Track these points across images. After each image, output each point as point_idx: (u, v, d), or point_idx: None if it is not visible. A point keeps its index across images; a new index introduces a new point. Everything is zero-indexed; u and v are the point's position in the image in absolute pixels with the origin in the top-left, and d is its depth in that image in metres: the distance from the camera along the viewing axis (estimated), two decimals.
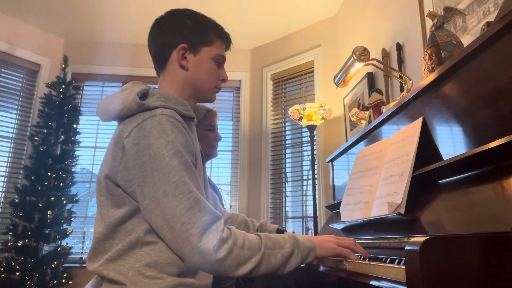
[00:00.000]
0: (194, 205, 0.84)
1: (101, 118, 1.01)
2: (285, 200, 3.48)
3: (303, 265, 1.33)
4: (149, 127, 0.88)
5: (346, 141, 2.86)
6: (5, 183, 3.36)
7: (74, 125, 3.37)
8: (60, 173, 3.16)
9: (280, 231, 1.47)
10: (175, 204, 0.83)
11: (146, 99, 0.95)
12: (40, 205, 3.00)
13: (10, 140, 3.45)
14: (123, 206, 0.90)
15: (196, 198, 0.85)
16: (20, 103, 3.55)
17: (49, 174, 3.10)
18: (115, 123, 1.02)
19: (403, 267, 0.70)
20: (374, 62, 1.78)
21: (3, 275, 2.80)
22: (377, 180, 1.23)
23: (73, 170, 3.30)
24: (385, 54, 2.27)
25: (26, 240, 2.91)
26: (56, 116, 3.28)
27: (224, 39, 1.12)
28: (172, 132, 0.88)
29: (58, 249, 3.06)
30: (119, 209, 0.90)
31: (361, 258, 0.97)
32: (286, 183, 3.52)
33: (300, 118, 2.78)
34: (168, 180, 0.84)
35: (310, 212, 3.28)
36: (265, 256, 0.88)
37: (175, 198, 0.83)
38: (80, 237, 3.57)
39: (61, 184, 3.14)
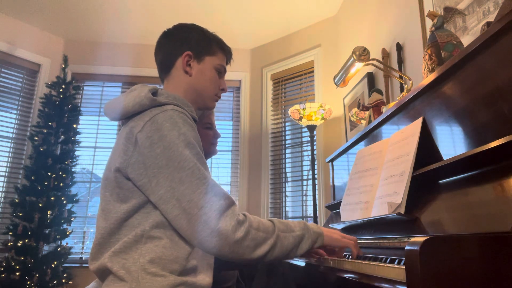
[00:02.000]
0: (210, 189, 0.88)
1: (110, 117, 1.05)
2: (285, 200, 3.48)
3: (303, 263, 1.34)
4: (161, 120, 0.92)
5: (346, 141, 2.86)
6: (5, 183, 3.35)
7: (74, 125, 3.37)
8: (60, 173, 3.16)
9: None
10: (192, 189, 0.87)
11: (156, 97, 0.99)
12: (40, 205, 3.00)
13: (10, 140, 3.45)
14: (129, 200, 0.92)
15: (211, 183, 0.89)
16: (20, 103, 3.55)
17: (49, 174, 3.10)
18: (116, 123, 1.04)
19: (403, 267, 0.70)
20: (374, 62, 1.78)
21: (3, 275, 2.80)
22: (377, 180, 1.23)
23: (73, 170, 3.30)
24: (385, 54, 2.27)
25: (26, 240, 2.90)
26: (56, 116, 3.27)
27: (226, 52, 1.19)
28: (184, 125, 0.93)
29: (58, 249, 3.06)
30: (125, 204, 0.92)
31: (362, 258, 0.97)
32: (286, 183, 3.52)
33: (300, 118, 2.78)
34: (183, 167, 0.88)
35: (310, 212, 3.28)
36: (279, 238, 0.92)
37: (191, 184, 0.87)
38: (80, 237, 3.56)
39: (61, 184, 3.14)
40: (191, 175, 0.88)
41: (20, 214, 2.96)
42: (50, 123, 3.24)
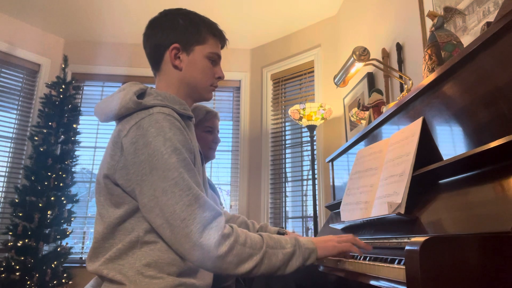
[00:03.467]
0: (194, 201, 0.84)
1: (100, 118, 1.02)
2: (285, 200, 3.48)
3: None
4: (147, 125, 0.88)
5: (346, 141, 2.86)
6: (5, 183, 3.35)
7: (74, 125, 3.36)
8: (60, 173, 3.16)
9: (281, 233, 1.47)
10: (175, 201, 0.83)
11: (144, 98, 0.95)
12: (40, 205, 2.99)
13: (10, 140, 3.45)
14: (122, 205, 0.90)
15: (196, 194, 0.85)
16: (20, 103, 3.54)
17: (49, 174, 3.10)
18: (115, 123, 1.03)
19: (403, 267, 0.70)
20: (374, 62, 1.78)
21: (3, 275, 2.80)
22: (377, 180, 1.23)
23: (73, 170, 3.30)
24: (385, 54, 2.27)
25: (26, 240, 2.90)
26: (56, 116, 3.27)
27: (218, 36, 1.09)
28: (170, 130, 0.88)
29: (58, 249, 3.06)
30: (118, 209, 0.90)
31: (362, 258, 0.97)
32: (286, 183, 3.52)
33: (300, 118, 2.78)
34: (167, 177, 0.84)
35: (310, 212, 3.28)
36: (266, 254, 0.87)
37: (174, 195, 0.83)
38: (80, 237, 3.56)
39: (61, 184, 3.13)
40: (175, 186, 0.84)
41: (20, 214, 2.96)
42: (50, 123, 3.23)
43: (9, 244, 2.91)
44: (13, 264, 2.82)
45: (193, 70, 1.04)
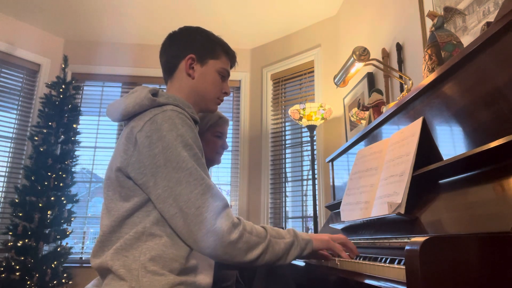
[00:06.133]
0: (207, 190, 0.90)
1: (112, 118, 1.07)
2: (285, 200, 3.48)
3: (303, 263, 1.34)
4: (160, 120, 0.94)
5: (346, 141, 2.86)
6: (5, 183, 3.35)
7: (74, 125, 3.37)
8: (60, 173, 3.16)
9: None
10: (189, 190, 0.88)
11: (156, 98, 1.01)
12: (40, 205, 3.00)
13: (10, 140, 3.45)
14: (131, 198, 0.93)
15: (208, 184, 0.91)
16: (20, 103, 3.54)
17: (49, 174, 3.10)
18: (116, 123, 1.06)
19: (403, 267, 0.70)
20: (374, 62, 1.78)
21: (3, 275, 2.80)
22: (377, 180, 1.23)
23: (73, 170, 3.30)
24: (385, 54, 2.27)
25: (26, 240, 2.90)
26: (56, 116, 3.27)
27: (230, 56, 1.19)
28: (182, 126, 0.94)
29: (58, 249, 3.06)
30: (127, 202, 0.93)
31: (362, 258, 0.97)
32: (286, 183, 3.52)
33: (300, 118, 2.78)
34: (181, 167, 0.90)
35: (310, 212, 3.28)
36: (270, 243, 0.94)
37: (189, 185, 0.89)
38: (80, 237, 3.56)
39: (61, 184, 3.14)
40: (189, 176, 0.89)
41: (20, 214, 2.96)
42: (50, 123, 3.24)
43: (9, 244, 2.91)
44: (13, 264, 2.83)
45: (204, 80, 1.12)
